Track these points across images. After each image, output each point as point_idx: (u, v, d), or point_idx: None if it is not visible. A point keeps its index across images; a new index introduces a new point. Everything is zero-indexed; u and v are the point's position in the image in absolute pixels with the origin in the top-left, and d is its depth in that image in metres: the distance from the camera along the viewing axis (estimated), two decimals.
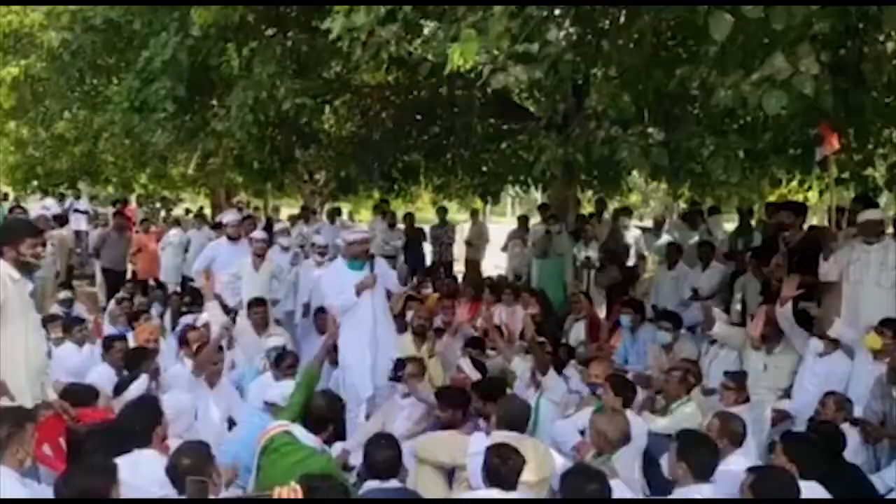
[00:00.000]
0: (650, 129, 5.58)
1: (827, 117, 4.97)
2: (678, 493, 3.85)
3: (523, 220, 12.34)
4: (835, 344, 5.69)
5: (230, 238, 8.46)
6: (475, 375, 5.63)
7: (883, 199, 7.39)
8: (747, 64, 4.60)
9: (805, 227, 6.80)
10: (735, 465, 4.24)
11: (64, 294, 8.99)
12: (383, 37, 5.04)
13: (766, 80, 3.77)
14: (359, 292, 6.12)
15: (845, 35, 4.59)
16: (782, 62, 3.56)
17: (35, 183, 18.83)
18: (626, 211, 11.07)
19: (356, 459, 5.17)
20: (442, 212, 13.41)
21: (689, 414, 5.30)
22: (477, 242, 12.89)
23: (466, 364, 5.83)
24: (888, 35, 4.84)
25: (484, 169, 12.06)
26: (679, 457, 3.83)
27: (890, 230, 6.57)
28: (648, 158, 5.52)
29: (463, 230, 13.97)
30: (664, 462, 4.21)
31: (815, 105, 4.32)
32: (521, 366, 6.08)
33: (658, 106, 6.05)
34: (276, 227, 10.21)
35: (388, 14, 5.02)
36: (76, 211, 15.29)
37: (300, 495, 2.40)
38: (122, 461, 3.64)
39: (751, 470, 3.55)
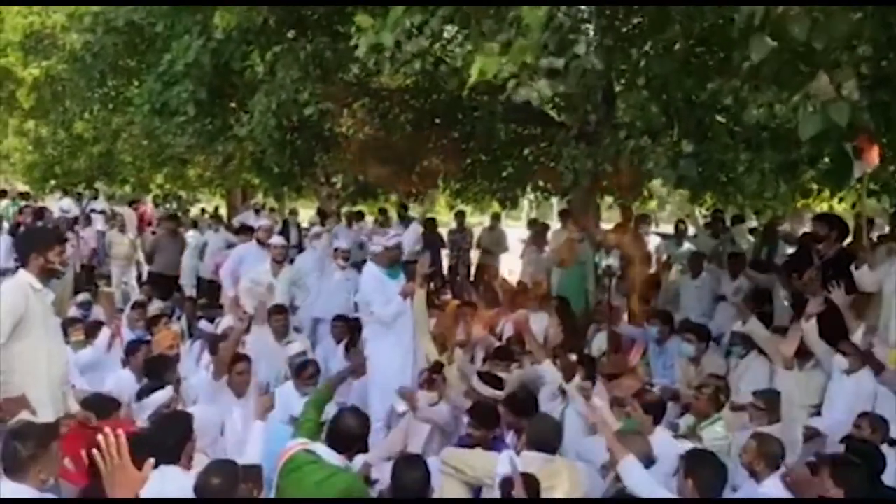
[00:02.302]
0: (680, 140, 5.46)
1: (866, 130, 4.84)
2: None
3: (543, 226, 12.19)
4: (861, 361, 5.58)
5: (260, 242, 8.41)
6: (491, 393, 5.47)
7: None
8: (782, 79, 4.49)
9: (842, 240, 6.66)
10: (772, 489, 4.15)
11: (82, 297, 8.97)
12: (409, 51, 4.96)
13: (806, 99, 3.62)
14: (406, 296, 6.14)
15: (887, 46, 4.46)
16: (827, 84, 3.41)
17: (53, 182, 18.89)
18: (646, 218, 10.93)
19: (378, 473, 5.09)
20: (460, 216, 13.29)
21: (718, 434, 5.18)
22: (495, 249, 12.73)
23: (479, 384, 5.55)
24: None
25: (504, 174, 11.93)
26: (686, 475, 3.76)
27: None
28: (676, 169, 5.41)
29: (474, 234, 13.78)
30: None
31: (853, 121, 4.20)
32: (551, 372, 5.92)
33: (688, 116, 5.93)
34: (313, 230, 10.20)
35: (415, 28, 4.93)
36: (93, 211, 15.31)
37: None
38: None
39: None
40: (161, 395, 4.86)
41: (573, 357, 6.15)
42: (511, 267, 13.16)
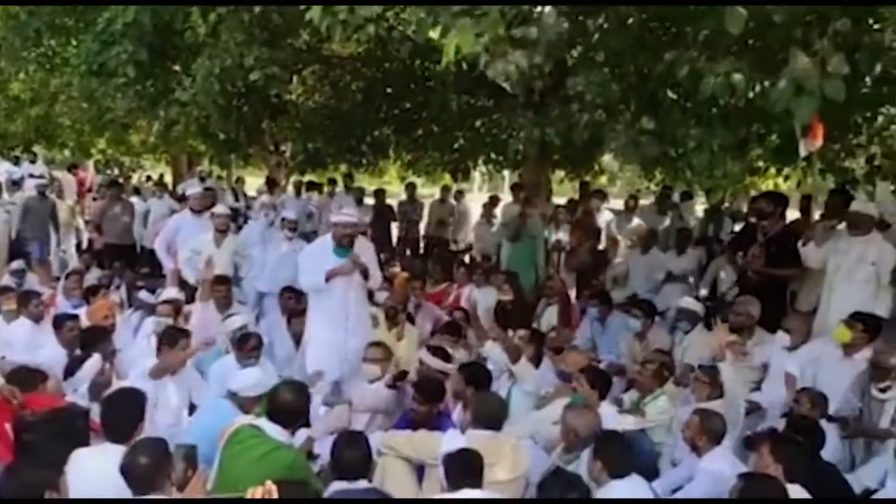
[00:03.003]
0: (638, 117, 5.39)
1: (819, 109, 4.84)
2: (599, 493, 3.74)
3: (494, 199, 12.12)
4: (803, 337, 5.65)
5: (193, 211, 8.14)
6: (440, 365, 5.40)
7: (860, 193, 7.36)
8: (738, 51, 4.45)
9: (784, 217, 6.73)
10: (713, 464, 4.17)
11: (16, 264, 8.62)
12: (362, 15, 4.81)
13: (791, 81, 3.56)
14: (328, 279, 5.93)
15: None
16: (807, 63, 3.35)
17: None
18: (599, 193, 10.93)
19: (321, 448, 4.99)
20: (411, 188, 13.14)
21: (661, 408, 5.21)
22: (449, 221, 12.63)
23: (427, 356, 5.49)
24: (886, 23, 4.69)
25: (456, 146, 11.81)
26: (595, 455, 3.76)
27: None
28: (638, 148, 5.35)
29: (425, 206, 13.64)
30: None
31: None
32: (495, 351, 5.88)
33: (642, 90, 5.87)
34: (262, 199, 9.94)
35: None
36: (31, 176, 14.69)
37: (275, 495, 2.20)
38: (84, 453, 3.42)
39: (740, 477, 3.44)
40: (90, 365, 4.69)
41: (521, 333, 6.11)
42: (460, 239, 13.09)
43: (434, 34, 4.37)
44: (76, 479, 3.22)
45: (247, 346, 5.77)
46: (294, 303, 7.17)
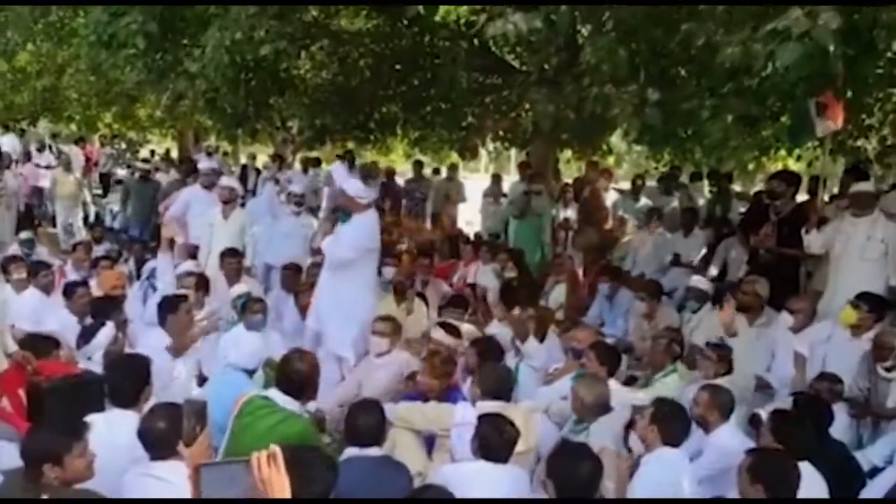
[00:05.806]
0: (645, 88, 5.36)
1: (833, 86, 4.81)
2: (645, 459, 3.80)
3: (497, 177, 12.11)
4: (807, 318, 5.64)
5: (204, 186, 8.15)
6: (453, 343, 5.41)
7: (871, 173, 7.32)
8: (757, 22, 4.41)
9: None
10: (723, 439, 4.18)
11: (25, 234, 8.65)
12: None
13: (780, 34, 3.59)
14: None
15: None
16: (800, 15, 3.38)
17: None
18: (606, 172, 10.89)
19: (331, 419, 5.01)
20: (418, 166, 13.12)
21: (669, 384, 5.21)
22: (456, 199, 12.62)
23: (440, 333, 5.48)
24: None
25: (464, 124, 11.74)
26: (652, 420, 3.77)
27: None
28: (641, 117, 5.32)
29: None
30: None
31: (824, 70, 4.17)
32: (499, 331, 5.90)
33: (653, 64, 5.82)
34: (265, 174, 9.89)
35: None
36: (37, 166, 14.49)
37: (280, 459, 2.20)
38: (95, 419, 3.44)
39: (748, 452, 3.44)
40: (104, 334, 4.70)
41: (528, 311, 6.11)
42: (468, 218, 13.09)
43: None
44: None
45: (251, 308, 5.81)
46: (295, 278, 7.18)
